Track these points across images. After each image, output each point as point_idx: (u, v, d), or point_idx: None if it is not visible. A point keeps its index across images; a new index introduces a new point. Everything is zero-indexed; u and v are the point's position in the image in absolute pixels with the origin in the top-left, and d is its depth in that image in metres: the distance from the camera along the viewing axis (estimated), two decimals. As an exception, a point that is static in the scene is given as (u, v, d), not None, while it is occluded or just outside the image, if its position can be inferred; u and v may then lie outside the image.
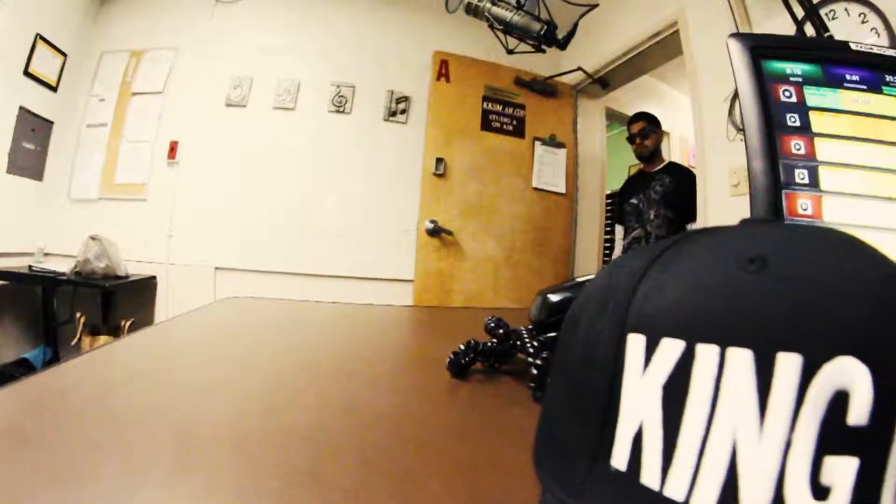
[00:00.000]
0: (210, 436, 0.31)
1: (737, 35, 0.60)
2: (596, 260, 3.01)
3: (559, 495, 0.21)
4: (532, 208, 2.76)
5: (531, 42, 1.02)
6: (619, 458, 0.19)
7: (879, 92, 0.55)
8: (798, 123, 0.55)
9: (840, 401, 0.15)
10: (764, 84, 0.56)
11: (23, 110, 2.48)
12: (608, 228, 3.02)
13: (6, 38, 2.34)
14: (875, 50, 0.61)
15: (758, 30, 1.69)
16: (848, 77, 0.56)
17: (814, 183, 0.52)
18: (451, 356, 0.47)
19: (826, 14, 1.42)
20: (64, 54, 2.68)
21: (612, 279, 0.23)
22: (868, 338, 0.16)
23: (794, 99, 0.56)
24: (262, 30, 2.87)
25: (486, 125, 2.69)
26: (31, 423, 0.30)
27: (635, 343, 0.19)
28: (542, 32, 0.99)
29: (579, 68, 2.58)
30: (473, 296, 2.66)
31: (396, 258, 2.75)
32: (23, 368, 2.42)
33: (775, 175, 0.52)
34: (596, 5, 1.12)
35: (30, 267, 2.48)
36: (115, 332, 2.40)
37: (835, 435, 0.15)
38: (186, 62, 2.82)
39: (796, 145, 0.54)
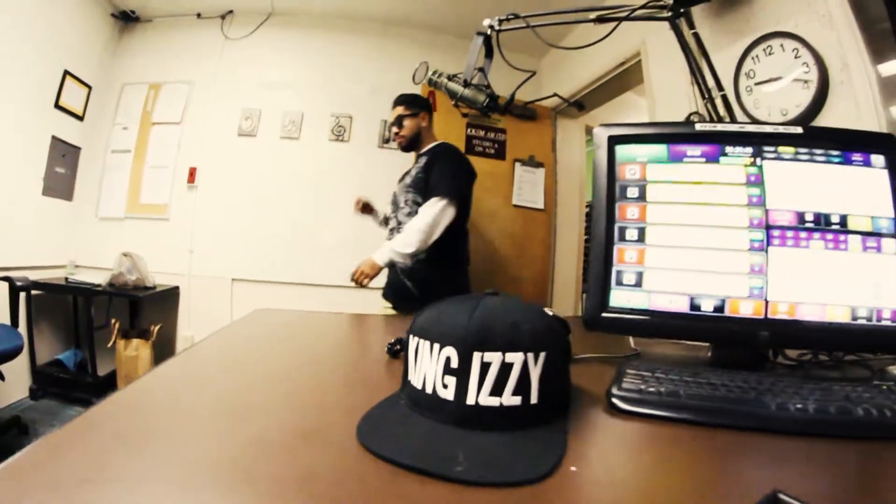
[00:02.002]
0: (278, 403, 0.55)
1: (602, 126, 0.81)
2: (575, 267, 3.20)
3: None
4: (513, 224, 2.98)
5: (478, 108, 1.24)
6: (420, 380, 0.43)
7: (717, 162, 0.75)
8: (637, 195, 0.76)
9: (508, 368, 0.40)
10: (614, 165, 0.77)
11: (54, 139, 2.74)
12: (587, 237, 3.20)
13: (39, 77, 2.60)
14: (718, 128, 0.83)
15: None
16: (689, 153, 0.77)
17: (641, 238, 0.74)
18: (388, 346, 0.75)
19: (764, 49, 1.55)
20: (88, 86, 2.93)
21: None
22: (534, 339, 0.41)
23: (637, 175, 0.77)
24: (267, 65, 3.11)
25: (469, 149, 2.91)
26: (173, 397, 0.54)
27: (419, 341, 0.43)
28: (485, 103, 1.21)
29: (555, 94, 2.78)
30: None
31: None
32: (57, 368, 2.68)
33: (610, 234, 0.74)
34: (534, 73, 1.33)
35: (65, 279, 2.71)
36: (145, 335, 2.64)
37: (500, 380, 0.39)
38: (200, 95, 3.07)
39: (632, 212, 0.75)
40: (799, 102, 1.41)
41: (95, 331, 2.54)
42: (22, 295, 2.31)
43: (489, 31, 1.33)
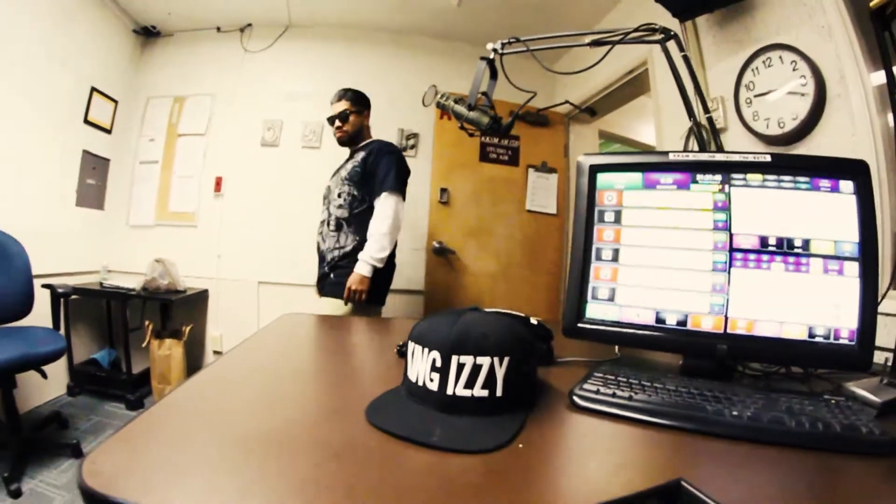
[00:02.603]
0: (317, 385, 0.70)
1: (586, 155, 0.93)
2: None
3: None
4: (526, 228, 3.10)
5: (482, 130, 1.37)
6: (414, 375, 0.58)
7: (688, 189, 0.86)
8: (613, 219, 0.88)
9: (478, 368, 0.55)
10: (594, 191, 0.89)
11: (85, 152, 2.96)
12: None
13: (69, 94, 2.81)
14: (690, 158, 0.90)
15: (710, 70, 1.92)
16: (662, 181, 0.88)
17: (615, 258, 0.86)
18: (397, 347, 0.90)
19: (763, 61, 1.59)
20: (115, 101, 3.15)
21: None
22: (498, 346, 0.56)
23: (614, 201, 0.89)
24: (287, 77, 3.27)
25: (484, 157, 3.06)
26: (224, 387, 0.70)
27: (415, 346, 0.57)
28: (488, 126, 1.34)
29: (567, 101, 2.89)
30: (474, 304, 3.01)
31: (409, 273, 3.13)
32: (93, 367, 2.90)
33: (587, 254, 0.86)
34: (534, 94, 1.45)
35: (100, 283, 2.93)
36: (177, 335, 2.83)
37: (472, 377, 0.54)
38: (223, 107, 3.26)
39: (608, 234, 0.88)
40: (796, 115, 1.46)
41: (130, 332, 2.75)
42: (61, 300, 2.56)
43: (492, 55, 1.45)
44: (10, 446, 1.93)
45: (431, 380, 0.57)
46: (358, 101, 2.22)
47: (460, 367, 0.56)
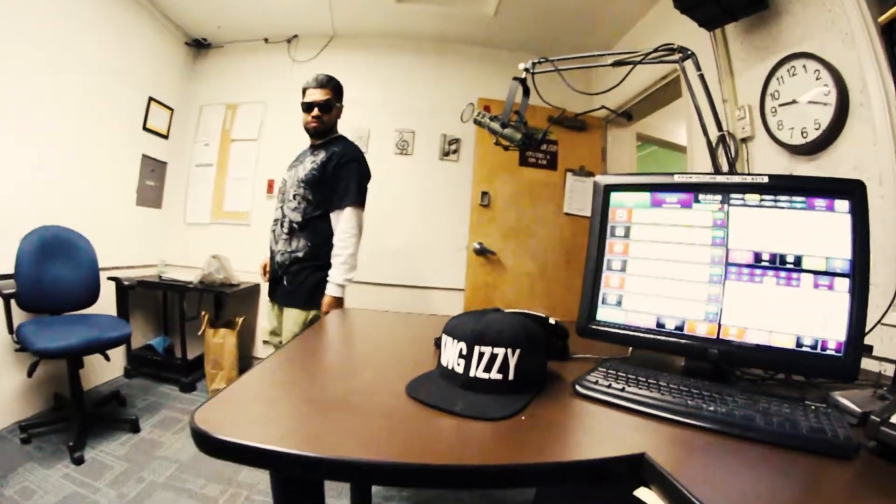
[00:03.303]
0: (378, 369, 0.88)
1: (601, 176, 1.08)
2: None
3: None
4: (563, 230, 3.23)
5: (515, 145, 1.52)
6: (445, 360, 0.76)
7: (690, 208, 0.99)
8: (623, 233, 1.02)
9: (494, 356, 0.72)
10: (607, 208, 1.04)
11: (144, 157, 3.31)
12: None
13: (130, 105, 3.15)
14: (693, 179, 1.02)
15: (739, 78, 1.97)
16: (667, 200, 1.01)
17: (623, 269, 1.00)
18: (435, 339, 1.06)
19: (788, 70, 1.64)
20: (171, 109, 3.49)
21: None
22: (511, 340, 0.73)
23: (625, 217, 1.03)
24: (334, 85, 3.52)
25: (523, 161, 3.21)
26: (297, 367, 0.89)
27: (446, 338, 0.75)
28: (521, 141, 1.49)
29: (603, 107, 2.99)
30: (512, 303, 3.18)
31: (451, 272, 3.36)
32: (148, 352, 3.25)
33: (599, 263, 1.00)
34: (564, 111, 1.58)
35: (159, 276, 3.27)
36: (230, 325, 3.12)
37: (489, 363, 0.72)
38: (274, 114, 3.55)
39: (618, 247, 1.02)
40: (819, 125, 1.50)
41: (187, 321, 3.08)
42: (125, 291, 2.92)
43: (524, 75, 1.60)
44: (74, 419, 2.24)
45: (458, 364, 0.74)
46: (340, 93, 2.17)
47: (481, 355, 0.73)
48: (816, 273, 0.85)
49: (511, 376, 0.73)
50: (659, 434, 0.67)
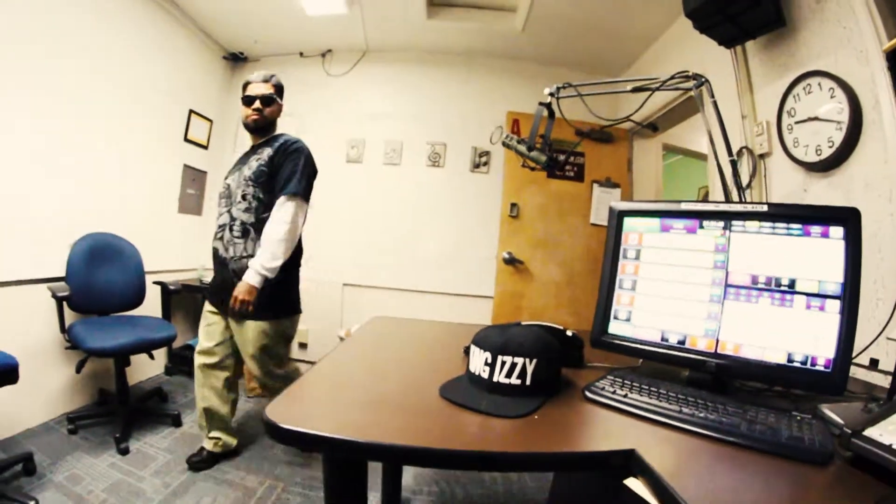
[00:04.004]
0: (411, 370, 1.06)
1: (616, 202, 1.21)
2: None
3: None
4: (590, 241, 3.35)
5: (541, 166, 1.66)
6: (473, 367, 0.92)
7: (695, 233, 1.12)
8: (634, 255, 1.15)
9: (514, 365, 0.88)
10: (620, 232, 1.17)
11: (186, 167, 3.57)
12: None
13: (172, 117, 3.41)
14: (698, 207, 1.14)
15: (758, 94, 2.02)
16: (675, 226, 1.14)
17: (633, 287, 1.13)
18: (465, 348, 1.19)
19: (804, 88, 1.68)
20: (210, 120, 3.75)
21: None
22: (529, 352, 0.89)
23: (636, 241, 1.16)
24: (367, 98, 3.73)
25: (551, 173, 3.32)
26: (340, 370, 1.07)
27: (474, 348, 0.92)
28: (546, 164, 1.63)
29: (628, 119, 3.09)
30: (539, 310, 3.35)
31: (480, 280, 3.54)
32: (188, 351, 3.46)
33: (612, 282, 1.14)
34: (581, 140, 1.72)
35: (199, 280, 3.52)
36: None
37: (510, 371, 0.87)
38: (310, 126, 3.77)
39: (629, 268, 1.15)
40: (833, 142, 1.54)
41: (225, 323, 3.31)
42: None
43: (549, 99, 1.74)
44: (120, 413, 2.47)
45: (484, 371, 0.90)
46: (281, 92, 2.18)
47: (503, 363, 0.88)
48: (809, 295, 0.94)
49: (528, 382, 0.88)
50: (652, 435, 0.80)
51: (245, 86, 2.14)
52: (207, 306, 2.20)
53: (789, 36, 1.82)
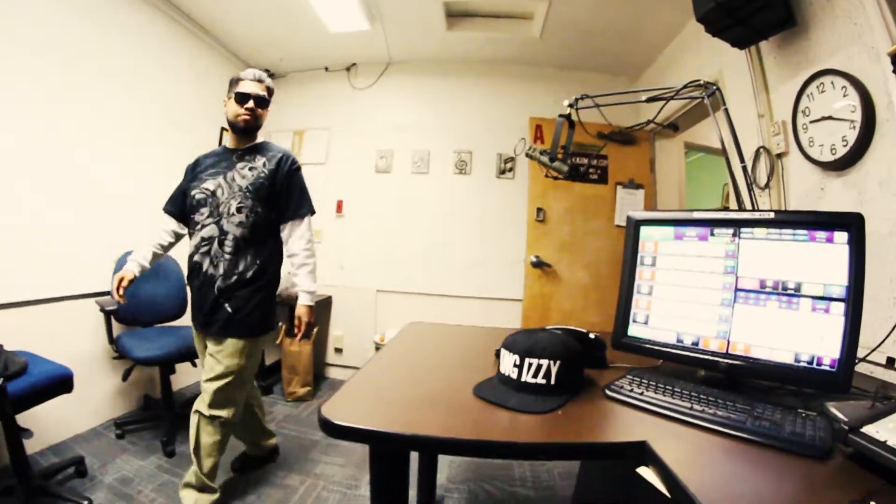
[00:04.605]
0: (448, 376, 1.20)
1: (634, 212, 1.31)
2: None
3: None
4: (615, 242, 3.42)
5: (562, 175, 1.77)
6: (503, 369, 1.05)
7: (706, 240, 1.21)
8: (651, 262, 1.26)
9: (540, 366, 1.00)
10: (637, 241, 1.27)
11: None
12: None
13: (206, 134, 3.57)
14: (709, 215, 1.22)
15: (774, 93, 2.04)
16: (687, 234, 1.24)
17: (650, 292, 1.24)
18: (496, 351, 1.31)
19: (817, 87, 1.70)
20: None
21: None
22: (553, 354, 1.01)
23: (652, 248, 1.27)
24: (393, 109, 3.88)
25: (573, 180, 3.40)
26: (383, 372, 1.21)
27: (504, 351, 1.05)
28: (567, 174, 1.74)
29: (649, 121, 3.17)
30: (567, 313, 3.44)
31: (509, 283, 3.66)
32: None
33: (630, 288, 1.25)
34: (602, 147, 1.82)
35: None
36: (306, 334, 3.47)
37: (536, 371, 1.00)
38: (339, 139, 3.95)
39: (646, 274, 1.25)
40: (847, 141, 1.56)
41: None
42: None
43: (568, 111, 1.84)
44: (165, 418, 2.64)
45: (513, 372, 1.03)
46: (272, 94, 2.06)
47: (530, 365, 1.00)
48: (814, 298, 1.01)
49: (553, 382, 1.00)
50: (664, 429, 0.90)
51: (236, 81, 2.00)
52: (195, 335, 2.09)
53: (802, 34, 1.84)
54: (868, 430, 0.78)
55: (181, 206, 2.05)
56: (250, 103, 1.94)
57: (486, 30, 3.29)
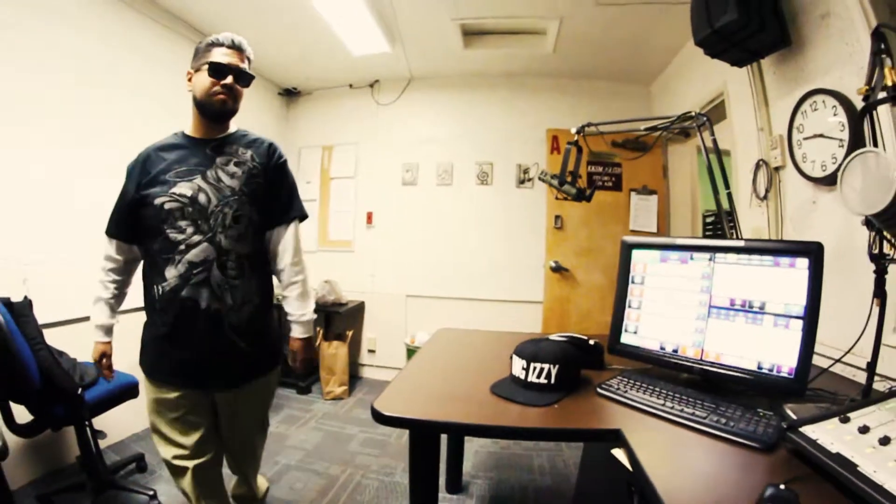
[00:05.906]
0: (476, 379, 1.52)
1: (627, 237, 1.58)
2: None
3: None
4: (630, 247, 3.64)
5: (571, 197, 2.02)
6: (514, 371, 1.38)
7: (687, 263, 1.48)
8: (641, 281, 1.53)
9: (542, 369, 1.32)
10: (629, 262, 1.55)
11: None
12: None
13: None
14: (690, 242, 1.49)
15: (773, 107, 2.16)
16: (671, 257, 1.51)
17: (639, 307, 1.51)
18: (511, 355, 1.60)
19: (810, 105, 1.78)
20: None
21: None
22: (552, 359, 1.32)
23: (641, 269, 1.54)
24: (417, 124, 4.18)
25: (590, 184, 3.64)
26: (418, 374, 1.54)
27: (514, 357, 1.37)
28: (576, 196, 1.99)
29: (659, 129, 3.38)
30: (585, 314, 3.72)
31: (530, 287, 3.97)
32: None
33: (622, 303, 1.52)
34: (618, 164, 2.07)
35: (277, 299, 4.06)
36: (341, 338, 3.88)
37: (539, 373, 1.32)
38: (366, 153, 4.27)
39: (637, 292, 1.53)
40: (836, 159, 1.65)
41: (304, 336, 3.86)
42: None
43: (576, 137, 2.10)
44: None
45: (521, 373, 1.33)
46: (251, 69, 1.60)
47: (534, 368, 1.31)
48: (776, 315, 1.21)
49: (553, 381, 1.30)
50: (639, 421, 1.15)
51: (207, 48, 1.50)
52: (163, 392, 1.54)
53: (798, 52, 1.92)
54: (806, 429, 0.93)
55: (133, 225, 1.51)
56: (228, 79, 1.48)
57: (502, 46, 3.55)
